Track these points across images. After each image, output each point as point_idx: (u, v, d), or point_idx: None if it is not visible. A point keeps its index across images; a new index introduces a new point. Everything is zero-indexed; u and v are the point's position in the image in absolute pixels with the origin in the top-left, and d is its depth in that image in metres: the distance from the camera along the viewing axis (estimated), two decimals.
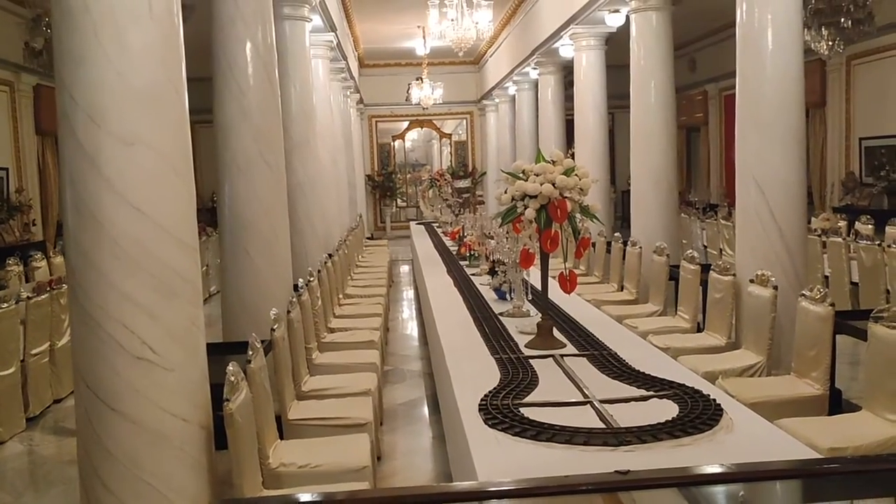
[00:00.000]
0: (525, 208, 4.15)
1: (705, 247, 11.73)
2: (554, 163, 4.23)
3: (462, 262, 8.10)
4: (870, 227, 9.27)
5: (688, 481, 1.27)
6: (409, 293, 11.95)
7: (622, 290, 7.89)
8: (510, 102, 16.66)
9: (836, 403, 5.09)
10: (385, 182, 20.01)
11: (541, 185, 4.08)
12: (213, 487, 3.01)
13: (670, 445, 2.81)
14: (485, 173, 19.42)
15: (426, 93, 15.80)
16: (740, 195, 5.62)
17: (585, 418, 3.14)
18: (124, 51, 2.65)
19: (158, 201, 2.74)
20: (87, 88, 2.64)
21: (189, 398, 2.86)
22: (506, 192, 4.30)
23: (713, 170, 17.54)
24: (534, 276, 5.23)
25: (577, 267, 8.91)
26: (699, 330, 6.09)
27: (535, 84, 14.11)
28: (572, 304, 5.53)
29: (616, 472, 1.33)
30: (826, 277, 8.16)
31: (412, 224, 15.57)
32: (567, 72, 12.55)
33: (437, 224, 14.25)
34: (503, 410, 3.23)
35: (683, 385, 3.52)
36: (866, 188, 11.76)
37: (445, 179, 14.26)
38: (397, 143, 20.61)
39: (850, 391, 5.60)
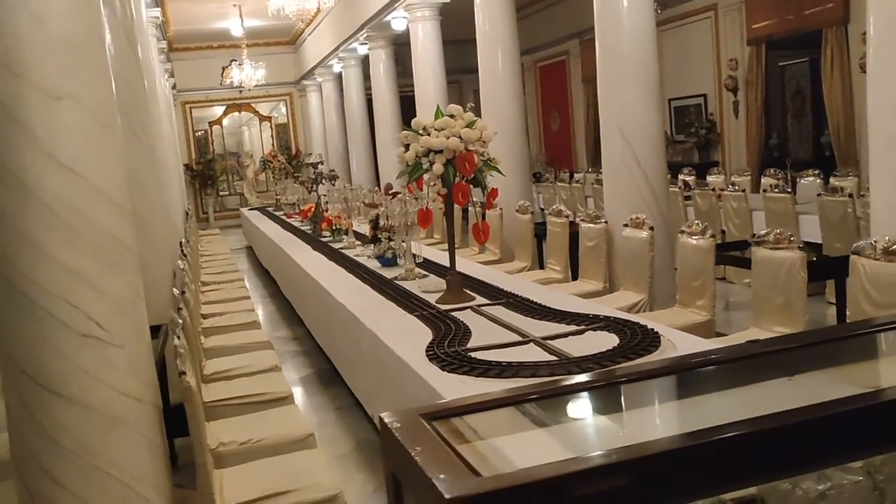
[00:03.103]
0: (431, 164, 4.15)
1: (542, 209, 12.26)
2: (453, 117, 4.25)
3: (323, 239, 7.94)
4: (692, 178, 10.11)
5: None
6: (249, 279, 11.52)
7: (483, 252, 8.07)
8: (335, 81, 16.45)
9: None
10: (205, 171, 19.14)
11: (447, 139, 4.09)
12: (170, 472, 2.79)
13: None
14: (310, 154, 19.05)
15: (248, 74, 15.23)
16: (606, 146, 5.94)
17: (536, 354, 3.21)
18: None
19: (92, 161, 2.47)
20: (1, 35, 2.33)
21: (140, 376, 2.62)
22: (407, 151, 4.27)
23: (532, 140, 18.30)
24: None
25: (434, 234, 9.02)
26: (573, 280, 6.38)
27: (363, 60, 14.03)
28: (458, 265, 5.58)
29: (748, 342, 1.39)
30: None
31: (244, 210, 15.04)
32: (399, 45, 12.58)
33: (272, 207, 13.85)
34: (454, 356, 3.23)
35: (609, 317, 3.69)
36: (678, 145, 12.78)
37: (279, 160, 13.89)
38: (215, 129, 19.73)
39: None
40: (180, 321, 3.36)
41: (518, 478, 0.92)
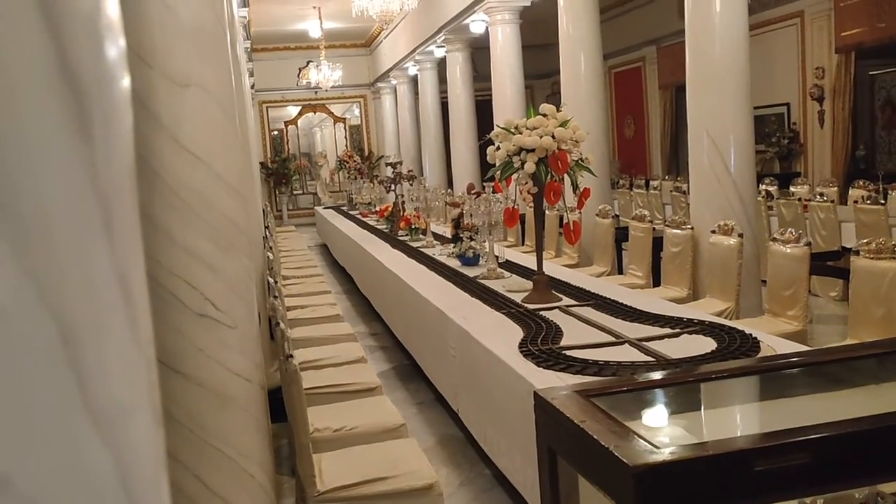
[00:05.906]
0: (522, 163, 4.16)
1: (618, 215, 12.13)
2: (545, 116, 4.26)
3: (401, 238, 8.02)
4: (774, 187, 9.87)
5: None
6: (328, 276, 11.72)
7: (559, 256, 8.03)
8: (409, 83, 16.60)
9: None
10: (280, 169, 19.54)
11: (540, 137, 4.10)
12: (273, 453, 2.87)
13: None
14: (381, 157, 19.28)
15: (325, 75, 15.50)
16: (693, 151, 5.86)
17: (633, 355, 3.18)
18: None
19: (212, 146, 2.56)
20: (135, 24, 2.43)
21: (250, 357, 2.70)
22: (498, 149, 4.29)
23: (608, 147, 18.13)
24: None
25: (508, 238, 9.03)
26: (654, 286, 6.30)
27: (439, 63, 14.13)
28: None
29: None
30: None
31: (319, 209, 15.31)
32: (476, 49, 12.62)
33: (345, 206, 14.07)
34: (549, 354, 3.23)
35: (703, 321, 3.64)
36: (758, 154, 12.46)
37: (354, 160, 14.09)
38: (290, 128, 20.14)
39: None
40: (279, 307, 3.45)
41: (700, 450, 0.93)
